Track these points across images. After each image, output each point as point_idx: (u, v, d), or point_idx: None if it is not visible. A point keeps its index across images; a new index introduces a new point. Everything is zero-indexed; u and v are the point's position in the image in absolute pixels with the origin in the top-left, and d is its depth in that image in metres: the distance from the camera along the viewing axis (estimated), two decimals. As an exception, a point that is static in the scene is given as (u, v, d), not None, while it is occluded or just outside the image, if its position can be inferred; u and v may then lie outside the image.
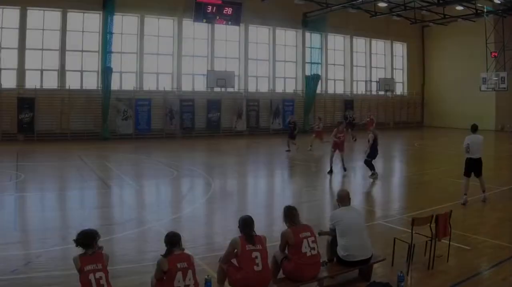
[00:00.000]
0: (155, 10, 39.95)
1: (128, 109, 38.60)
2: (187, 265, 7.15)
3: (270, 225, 13.11)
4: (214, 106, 42.21)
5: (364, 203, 16.41)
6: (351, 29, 50.52)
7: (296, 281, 8.23)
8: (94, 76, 38.47)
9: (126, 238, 12.03)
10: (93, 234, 7.18)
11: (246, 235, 7.86)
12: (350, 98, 50.96)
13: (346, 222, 8.94)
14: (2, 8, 34.94)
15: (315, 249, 8.31)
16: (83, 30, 37.97)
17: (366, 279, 9.07)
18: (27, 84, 35.64)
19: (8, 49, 35.26)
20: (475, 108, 46.46)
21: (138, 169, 24.45)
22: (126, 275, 9.35)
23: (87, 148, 31.51)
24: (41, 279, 9.05)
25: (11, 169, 21.92)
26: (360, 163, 22.80)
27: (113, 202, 16.65)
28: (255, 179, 22.38)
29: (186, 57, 42.07)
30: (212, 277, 8.01)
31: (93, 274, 6.77)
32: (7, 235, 11.89)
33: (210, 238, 12.43)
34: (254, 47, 45.82)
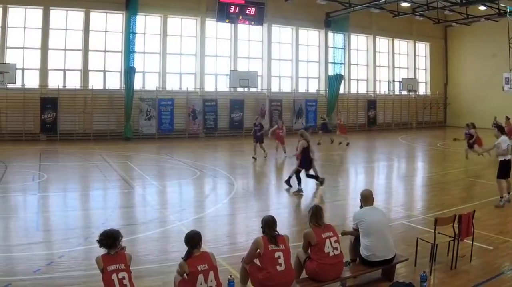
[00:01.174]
0: (178, 10, 39.04)
1: (151, 109, 37.68)
2: (208, 266, 7.00)
3: (293, 225, 13.00)
4: (237, 106, 41.07)
5: (386, 202, 15.92)
6: (374, 29, 49.21)
7: (319, 281, 8.04)
8: (117, 76, 37.66)
9: (149, 238, 11.74)
10: (116, 234, 7.06)
11: (268, 235, 7.72)
12: (373, 98, 49.63)
13: (369, 221, 8.75)
14: (25, 8, 34.27)
15: (337, 249, 8.16)
16: (106, 30, 37.23)
17: (389, 279, 8.87)
18: (50, 84, 35.01)
19: (31, 49, 34.66)
20: (497, 108, 44.34)
21: (161, 169, 23.80)
22: (149, 275, 9.17)
23: (109, 148, 30.81)
24: (63, 279, 8.85)
25: (34, 169, 21.43)
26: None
27: (136, 202, 16.22)
28: (277, 178, 21.53)
29: (209, 57, 41.11)
30: (235, 277, 7.86)
31: (116, 274, 6.67)
32: (30, 235, 11.72)
33: (232, 238, 12.08)
34: (277, 47, 44.50)
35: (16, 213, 14.26)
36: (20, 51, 34.37)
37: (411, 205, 16.20)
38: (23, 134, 33.61)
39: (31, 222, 13.09)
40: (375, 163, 25.03)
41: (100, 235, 7.04)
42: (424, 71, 55.27)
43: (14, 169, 21.21)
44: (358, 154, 30.73)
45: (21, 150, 29.08)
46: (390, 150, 33.52)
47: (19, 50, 34.29)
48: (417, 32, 52.39)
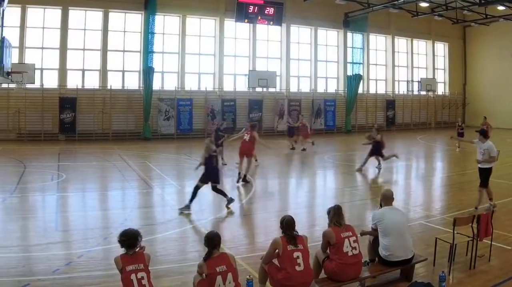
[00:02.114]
0: (197, 10, 38.17)
1: (170, 109, 36.90)
2: (226, 268, 6.89)
3: (312, 225, 12.78)
4: (255, 106, 40.03)
5: (405, 203, 15.61)
6: (393, 29, 47.79)
7: (338, 281, 7.94)
8: (135, 76, 36.91)
9: (168, 238, 11.55)
10: (135, 234, 6.98)
11: (287, 236, 7.60)
12: (391, 98, 48.27)
13: (388, 221, 8.64)
14: (44, 8, 33.62)
15: (356, 249, 8.05)
16: (125, 30, 36.50)
17: (407, 279, 8.75)
18: (68, 84, 34.43)
19: (50, 49, 34.04)
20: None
21: (180, 169, 23.21)
22: (168, 275, 9.03)
23: (128, 148, 30.09)
24: (82, 279, 8.75)
25: (52, 169, 21.14)
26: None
27: (155, 202, 16.00)
28: (296, 178, 21.31)
29: (227, 57, 40.16)
30: (253, 277, 7.82)
31: (134, 274, 6.61)
32: (49, 235, 11.57)
33: (251, 238, 11.98)
34: (296, 47, 43.28)
35: (35, 213, 14.06)
36: (39, 51, 33.75)
37: (430, 205, 15.90)
38: (42, 135, 33.05)
39: (50, 222, 12.86)
40: (394, 163, 24.41)
41: (120, 235, 7.00)
42: (442, 71, 53.70)
43: (33, 169, 20.85)
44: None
45: (40, 150, 28.55)
46: (408, 150, 32.74)
47: (38, 50, 33.67)
48: (435, 32, 50.96)
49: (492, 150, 13.86)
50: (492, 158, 13.90)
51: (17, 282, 8.49)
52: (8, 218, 13.32)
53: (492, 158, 13.91)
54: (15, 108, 32.27)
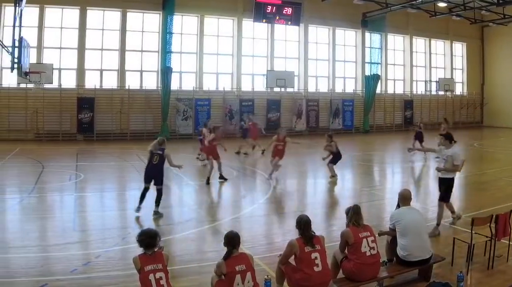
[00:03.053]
0: (215, 10, 37.28)
1: (188, 109, 36.02)
2: (245, 267, 6.74)
3: (330, 225, 12.58)
4: (273, 106, 39.02)
5: (423, 203, 15.05)
6: (411, 29, 46.41)
7: (356, 281, 7.72)
8: (153, 76, 36.13)
9: (186, 238, 11.31)
10: (154, 234, 6.80)
11: (304, 236, 7.33)
12: (409, 98, 46.92)
13: (406, 222, 8.40)
14: (62, 8, 32.99)
15: (374, 249, 7.82)
16: (143, 30, 35.74)
17: (425, 279, 8.50)
18: (86, 84, 33.79)
19: (68, 49, 33.45)
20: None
21: (197, 169, 22.30)
22: (186, 275, 8.80)
23: (146, 148, 28.32)
24: (100, 279, 8.52)
25: (71, 169, 20.69)
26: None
27: (173, 202, 15.38)
28: (314, 179, 20.48)
29: (245, 57, 39.12)
30: (271, 277, 7.61)
31: (153, 274, 6.42)
32: (67, 235, 11.29)
33: (269, 238, 11.62)
34: (314, 47, 42.10)
35: (53, 213, 13.75)
36: (57, 51, 33.10)
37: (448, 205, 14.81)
38: (60, 135, 32.42)
39: (68, 222, 12.56)
40: (412, 163, 24.11)
41: (138, 234, 6.83)
42: (460, 71, 52.12)
43: (51, 169, 20.45)
44: (394, 154, 29.66)
45: (58, 150, 27.98)
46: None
47: (56, 50, 33.03)
48: (453, 32, 49.47)
49: (456, 158, 11.54)
50: (455, 167, 11.57)
51: (36, 282, 8.26)
52: (26, 218, 13.01)
53: (455, 167, 11.58)
54: (33, 108, 31.70)
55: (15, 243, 10.59)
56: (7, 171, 20.64)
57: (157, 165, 13.35)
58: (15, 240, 10.83)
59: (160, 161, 13.35)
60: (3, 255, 9.85)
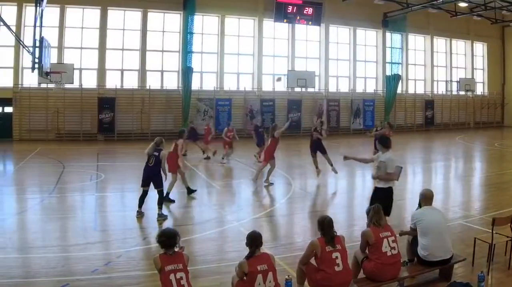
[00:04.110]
0: (236, 10, 36.04)
1: (209, 109, 34.85)
2: (267, 267, 6.51)
3: (351, 225, 12.12)
4: (294, 106, 37.63)
5: (444, 202, 14.52)
6: (432, 29, 44.51)
7: (376, 281, 7.42)
8: (174, 76, 35.01)
9: (206, 238, 10.94)
10: (174, 234, 6.57)
11: (326, 237, 7.04)
12: (430, 98, 45.10)
13: (428, 221, 7.98)
14: (83, 8, 32.03)
15: (395, 249, 7.53)
16: (164, 30, 34.66)
17: (446, 279, 8.14)
18: (107, 84, 32.85)
19: (88, 49, 32.53)
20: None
21: (219, 169, 21.71)
22: (206, 275, 8.56)
23: (167, 147, 27.51)
24: (121, 279, 8.27)
25: (91, 169, 20.24)
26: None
27: (194, 202, 14.79)
28: (335, 178, 19.20)
29: (266, 57, 37.75)
30: (292, 277, 7.33)
31: (173, 274, 6.24)
32: (87, 235, 10.98)
33: (290, 238, 11.16)
34: (335, 47, 40.52)
35: (74, 213, 13.36)
36: (78, 51, 32.25)
37: (469, 205, 15.01)
38: (81, 135, 31.50)
39: (88, 222, 12.22)
40: (433, 162, 23.79)
41: (158, 235, 6.66)
42: (481, 71, 50.08)
43: (71, 169, 20.03)
44: (415, 154, 28.66)
45: (79, 150, 27.32)
46: (447, 149, 30.99)
47: (76, 50, 32.17)
48: (474, 32, 47.42)
49: (390, 165, 9.63)
50: (388, 175, 9.66)
51: (57, 282, 8.02)
52: (47, 218, 12.62)
53: (389, 175, 9.66)
54: (54, 108, 30.82)
55: (36, 243, 10.29)
56: (28, 171, 20.15)
57: (153, 167, 12.59)
58: (36, 240, 10.53)
59: (156, 162, 12.59)
60: (24, 255, 9.57)
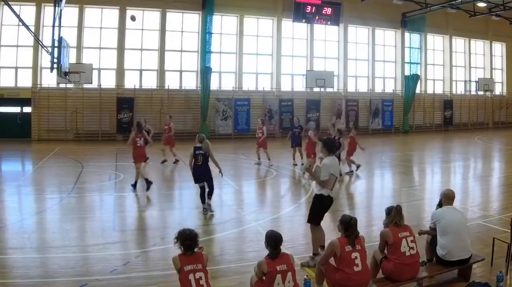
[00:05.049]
0: (255, 10, 34.63)
1: (228, 109, 33.57)
2: (286, 267, 6.23)
3: (370, 225, 11.73)
4: (313, 106, 36.11)
5: (463, 202, 13.85)
6: (450, 29, 42.73)
7: (395, 281, 7.10)
8: (193, 76, 33.76)
9: (225, 238, 10.67)
10: (193, 235, 6.28)
11: (349, 236, 6.74)
12: (449, 98, 43.34)
13: (447, 221, 7.58)
14: (101, 8, 30.97)
15: (414, 249, 7.17)
16: (182, 30, 33.39)
17: (465, 279, 7.75)
18: (126, 84, 31.71)
19: (107, 49, 31.48)
20: None
21: (237, 169, 20.96)
22: (225, 275, 8.19)
23: (186, 148, 26.86)
24: (139, 279, 7.96)
25: (110, 169, 19.74)
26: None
27: (212, 202, 13.62)
28: (353, 178, 18.77)
29: (285, 57, 36.28)
30: (311, 277, 7.06)
31: (193, 274, 6.02)
32: (106, 235, 10.66)
33: (309, 238, 9.78)
34: (354, 47, 38.97)
35: (93, 213, 13.01)
36: (97, 51, 31.16)
37: (488, 205, 14.40)
38: (100, 134, 30.49)
39: (107, 222, 11.85)
40: (451, 162, 23.31)
41: (177, 235, 6.24)
42: (500, 71, 48.09)
43: (90, 169, 19.60)
44: (434, 154, 27.84)
45: (97, 150, 26.46)
46: (466, 149, 29.98)
47: (95, 50, 31.11)
48: (493, 32, 45.44)
49: (324, 170, 8.38)
50: (322, 183, 8.43)
51: (75, 282, 7.79)
52: (66, 218, 12.24)
53: (322, 183, 8.43)
54: (73, 108, 29.82)
55: (54, 243, 9.90)
56: (47, 171, 19.54)
57: (202, 165, 12.69)
58: (55, 240, 10.12)
59: (204, 160, 12.69)
60: (43, 255, 9.22)
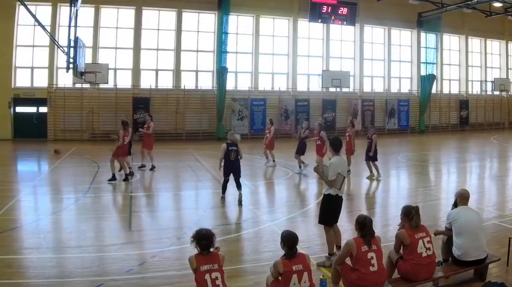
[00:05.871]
0: (270, 10, 33.40)
1: (243, 109, 32.40)
2: (302, 267, 6.03)
3: (386, 225, 11.22)
4: (329, 106, 34.81)
5: (479, 202, 13.45)
6: (466, 29, 41.19)
7: (411, 281, 6.88)
8: (209, 76, 32.62)
9: (241, 238, 10.36)
10: (210, 235, 6.11)
11: (364, 236, 6.56)
12: (465, 98, 41.79)
13: (463, 221, 7.33)
14: (118, 8, 29.97)
15: (430, 249, 6.95)
16: (198, 30, 32.28)
17: (481, 279, 7.48)
18: (142, 84, 30.67)
19: (123, 49, 30.43)
20: None
21: (253, 169, 20.02)
22: (241, 275, 7.97)
23: (201, 148, 26.67)
24: (156, 279, 7.71)
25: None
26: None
27: (228, 202, 13.67)
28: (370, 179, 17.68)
29: (301, 57, 35.04)
30: (327, 277, 6.80)
31: (209, 274, 5.85)
32: (122, 235, 10.37)
33: (324, 238, 9.17)
34: (369, 47, 37.61)
35: (109, 213, 12.70)
36: (113, 51, 30.20)
37: (504, 205, 13.79)
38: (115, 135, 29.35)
39: (123, 222, 11.62)
40: (467, 162, 22.87)
41: (194, 235, 6.08)
42: (516, 71, 46.40)
43: (106, 169, 18.32)
44: (450, 154, 27.24)
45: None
46: (482, 149, 28.86)
47: (111, 50, 30.18)
48: (509, 32, 43.75)
49: (331, 170, 8.16)
50: (329, 183, 8.20)
51: (91, 282, 7.50)
52: (82, 218, 11.95)
53: (330, 183, 8.19)
54: (89, 108, 28.88)
55: (70, 243, 9.62)
56: (63, 171, 19.09)
57: (235, 160, 13.10)
58: (71, 240, 9.85)
59: (236, 156, 13.08)
60: (59, 255, 8.91)
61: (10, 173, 19.05)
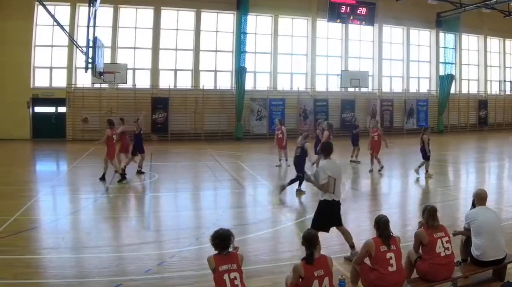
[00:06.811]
0: (289, 10, 32.15)
1: (262, 109, 31.13)
2: (323, 272, 5.71)
3: (404, 225, 10.71)
4: (348, 106, 33.38)
5: (497, 202, 12.78)
6: (485, 29, 39.34)
7: (430, 281, 6.61)
8: (228, 76, 31.48)
9: (260, 238, 9.70)
10: (228, 235, 5.89)
11: (382, 236, 6.31)
12: (483, 98, 40.02)
13: (482, 221, 6.97)
14: (136, 8, 28.97)
15: (449, 249, 6.67)
16: (217, 30, 31.18)
17: (500, 279, 7.18)
18: (161, 84, 29.65)
19: (142, 49, 29.49)
20: None
21: (272, 169, 19.31)
22: (260, 275, 7.63)
23: (220, 148, 25.87)
24: (174, 279, 7.45)
25: (145, 169, 18.16)
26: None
27: (247, 202, 13.91)
28: (389, 178, 17.92)
29: (320, 57, 33.66)
30: (346, 277, 6.47)
31: (227, 274, 5.64)
32: (141, 235, 9.94)
33: (343, 238, 8.75)
34: (388, 47, 36.07)
35: (127, 213, 12.48)
36: (131, 51, 29.26)
37: None
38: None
39: (142, 222, 11.41)
40: (486, 162, 22.08)
41: (213, 236, 5.83)
42: (535, 71, 44.32)
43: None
44: (468, 154, 26.44)
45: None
46: (500, 149, 27.60)
47: (130, 50, 29.26)
48: (528, 31, 41.92)
49: (322, 173, 7.91)
50: (322, 187, 7.93)
51: (110, 282, 7.20)
52: (100, 218, 11.68)
53: (323, 188, 7.92)
54: (107, 108, 27.70)
55: (89, 243, 9.33)
56: (81, 171, 18.59)
57: (299, 156, 13.57)
58: (89, 240, 9.55)
59: (301, 153, 13.54)
60: (78, 255, 8.72)
61: (29, 173, 18.56)
